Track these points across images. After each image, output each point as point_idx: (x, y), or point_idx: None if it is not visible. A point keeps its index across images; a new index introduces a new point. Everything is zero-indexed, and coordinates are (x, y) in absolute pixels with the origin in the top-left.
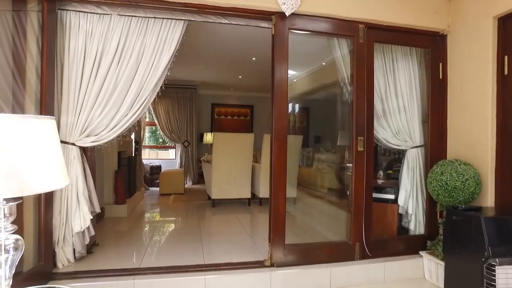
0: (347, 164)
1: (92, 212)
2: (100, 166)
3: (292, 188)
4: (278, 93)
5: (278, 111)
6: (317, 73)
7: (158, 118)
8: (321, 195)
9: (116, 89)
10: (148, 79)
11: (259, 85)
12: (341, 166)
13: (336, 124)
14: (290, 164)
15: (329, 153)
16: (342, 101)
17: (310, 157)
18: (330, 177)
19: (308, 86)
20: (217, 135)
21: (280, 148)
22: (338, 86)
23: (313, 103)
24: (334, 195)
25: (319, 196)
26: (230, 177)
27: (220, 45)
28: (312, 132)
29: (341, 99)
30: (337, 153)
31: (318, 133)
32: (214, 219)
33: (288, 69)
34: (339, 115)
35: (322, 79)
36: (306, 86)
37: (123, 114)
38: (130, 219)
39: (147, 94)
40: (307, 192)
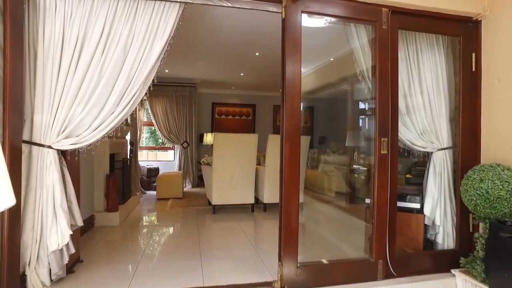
0: (356, 167)
1: (73, 225)
2: (90, 170)
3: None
4: (289, 88)
5: (289, 108)
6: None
7: (156, 118)
8: (329, 199)
9: (100, 83)
10: (138, 71)
11: (261, 83)
12: (350, 168)
13: (344, 124)
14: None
15: (336, 155)
16: (352, 99)
17: (315, 158)
18: (338, 180)
19: (313, 84)
20: (218, 135)
21: (292, 150)
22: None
23: (317, 102)
24: (344, 199)
25: (326, 200)
26: (232, 181)
27: (221, 39)
28: (317, 133)
29: (352, 97)
30: (345, 155)
31: (323, 133)
32: (214, 228)
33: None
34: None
35: (328, 77)
36: (311, 84)
37: (109, 112)
38: (123, 228)
39: (137, 88)
40: (313, 196)
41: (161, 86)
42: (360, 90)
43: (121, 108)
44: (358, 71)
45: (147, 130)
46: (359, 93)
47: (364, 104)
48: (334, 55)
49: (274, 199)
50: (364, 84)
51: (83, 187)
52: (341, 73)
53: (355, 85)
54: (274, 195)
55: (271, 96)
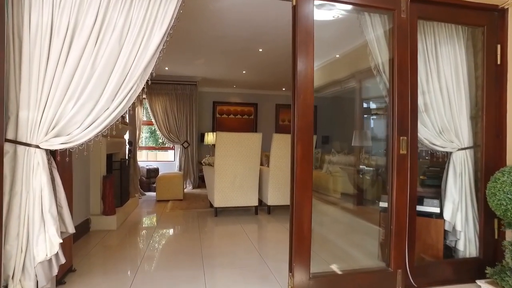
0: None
1: (64, 233)
2: (85, 171)
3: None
4: (301, 82)
5: (301, 104)
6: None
7: (155, 117)
8: (335, 200)
9: (93, 76)
10: (134, 63)
11: (264, 82)
12: (357, 169)
13: (349, 123)
14: None
15: (341, 155)
16: (360, 97)
17: (318, 158)
18: (343, 181)
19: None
20: (220, 135)
21: (304, 151)
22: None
23: (321, 100)
24: (351, 201)
25: (332, 202)
26: (235, 182)
27: (224, 33)
28: (320, 132)
29: (360, 95)
30: (350, 155)
31: (327, 133)
32: (217, 232)
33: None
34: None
35: (334, 74)
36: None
37: (103, 108)
38: (120, 233)
39: (133, 83)
40: (317, 197)
41: (160, 84)
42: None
43: (116, 104)
44: (372, 64)
45: (147, 130)
46: (367, 90)
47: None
48: (340, 51)
49: (278, 201)
50: (379, 79)
51: (78, 189)
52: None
53: (364, 82)
54: (278, 197)
55: (274, 95)
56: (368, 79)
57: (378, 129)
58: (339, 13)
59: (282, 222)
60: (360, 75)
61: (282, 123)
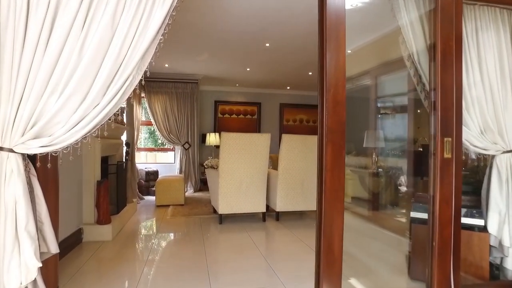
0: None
1: (45, 253)
2: (77, 176)
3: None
4: (331, 72)
5: (332, 100)
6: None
7: (155, 117)
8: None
9: (80, 64)
10: (130, 49)
11: (268, 80)
12: (370, 171)
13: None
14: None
15: (351, 156)
16: (375, 95)
17: None
18: (354, 184)
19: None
20: (225, 135)
21: (335, 156)
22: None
23: None
24: (363, 205)
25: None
26: (242, 187)
27: (229, 26)
28: None
29: (376, 92)
30: (361, 156)
31: None
32: (223, 243)
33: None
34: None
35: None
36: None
37: (92, 103)
38: (116, 244)
39: (129, 73)
40: None
41: (160, 82)
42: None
43: (108, 99)
44: (405, 54)
45: (146, 130)
46: (383, 87)
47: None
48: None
49: (287, 207)
50: (413, 71)
51: (69, 196)
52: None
53: (380, 78)
54: (287, 203)
55: (278, 94)
56: (385, 75)
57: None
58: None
59: (292, 229)
60: (376, 71)
61: (287, 123)
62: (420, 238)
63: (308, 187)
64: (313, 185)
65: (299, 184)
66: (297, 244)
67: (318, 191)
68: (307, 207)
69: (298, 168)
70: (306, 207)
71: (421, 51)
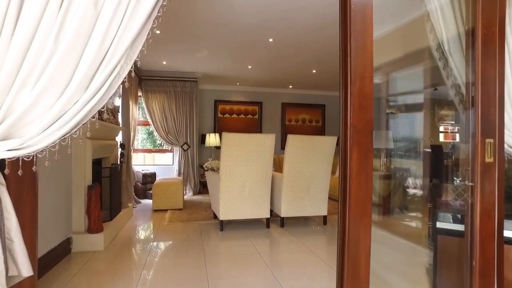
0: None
1: (15, 277)
2: (66, 180)
3: (323, 203)
4: (357, 62)
5: (357, 94)
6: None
7: (152, 117)
8: None
9: (57, 52)
10: (118, 34)
11: (270, 79)
12: (379, 174)
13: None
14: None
15: None
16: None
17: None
18: None
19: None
20: (227, 136)
21: (362, 160)
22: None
23: (330, 99)
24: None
25: None
26: (244, 191)
27: (230, 19)
28: (330, 133)
29: (387, 90)
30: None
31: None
32: (225, 254)
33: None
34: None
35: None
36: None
37: (71, 99)
38: (108, 255)
39: (116, 62)
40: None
41: (157, 80)
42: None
43: (91, 93)
44: (434, 43)
45: (144, 131)
46: (395, 84)
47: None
48: None
49: (293, 213)
50: (442, 62)
51: (57, 203)
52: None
53: (391, 74)
54: (293, 208)
55: (280, 93)
56: (398, 70)
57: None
58: None
59: (298, 236)
60: (387, 68)
61: (289, 123)
62: (448, 251)
63: (315, 191)
64: (320, 189)
65: (305, 188)
66: (306, 254)
67: (341, 204)
68: (313, 212)
69: (304, 171)
70: (313, 212)
71: (453, 40)
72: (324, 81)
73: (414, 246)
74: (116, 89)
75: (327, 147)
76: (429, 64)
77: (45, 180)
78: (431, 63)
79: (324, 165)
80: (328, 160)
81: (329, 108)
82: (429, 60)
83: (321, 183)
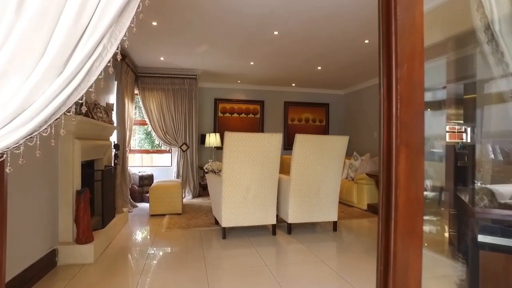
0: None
1: None
2: (51, 185)
3: (333, 208)
4: (404, 39)
5: (405, 80)
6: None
7: (149, 116)
8: (361, 213)
9: (18, 27)
10: (101, 5)
11: (272, 76)
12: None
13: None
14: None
15: (365, 158)
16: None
17: None
18: (370, 190)
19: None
20: (229, 135)
21: (411, 165)
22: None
23: (334, 98)
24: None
25: (357, 214)
26: (249, 195)
27: (233, 9)
28: (334, 133)
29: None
30: (376, 158)
31: (342, 133)
32: (228, 266)
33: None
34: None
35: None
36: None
37: (39, 87)
38: (98, 268)
39: (97, 40)
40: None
41: (155, 77)
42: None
43: (64, 80)
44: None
45: (143, 131)
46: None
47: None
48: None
49: (301, 219)
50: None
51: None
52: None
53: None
54: (301, 214)
55: (282, 91)
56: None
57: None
58: None
59: (307, 244)
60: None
61: (291, 123)
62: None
63: (325, 195)
64: (330, 193)
65: (315, 192)
66: (318, 266)
67: (383, 220)
68: (322, 218)
69: (314, 173)
70: (322, 218)
71: (505, 19)
72: (329, 79)
73: (432, 255)
74: (98, 75)
75: (338, 148)
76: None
77: (26, 184)
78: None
79: (334, 166)
80: (339, 161)
81: (333, 107)
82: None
83: (331, 186)
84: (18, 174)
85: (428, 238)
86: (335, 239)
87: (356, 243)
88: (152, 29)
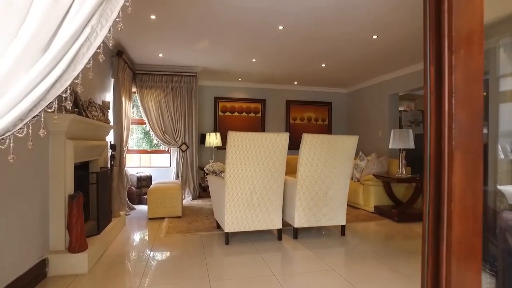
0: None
1: None
2: (41, 191)
3: (342, 211)
4: (460, 17)
5: (462, 68)
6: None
7: (148, 114)
8: (368, 216)
9: None
10: None
11: (274, 73)
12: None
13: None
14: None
15: (371, 158)
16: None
17: None
18: (377, 191)
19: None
20: (233, 135)
21: (469, 173)
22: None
23: (337, 96)
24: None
25: (364, 217)
26: (253, 198)
27: (236, 4)
28: (337, 132)
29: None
30: (382, 158)
31: (345, 133)
32: (232, 273)
33: None
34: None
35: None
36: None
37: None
38: (92, 279)
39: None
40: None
41: (153, 75)
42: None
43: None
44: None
45: (140, 130)
46: (416, 80)
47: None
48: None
49: (308, 223)
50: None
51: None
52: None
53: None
54: (308, 218)
55: (284, 89)
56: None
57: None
58: None
59: (314, 250)
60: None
61: (293, 122)
62: None
63: (333, 198)
64: (338, 195)
65: (322, 195)
66: (330, 275)
67: (430, 238)
68: (330, 222)
69: (322, 175)
70: (330, 222)
71: None
72: (333, 77)
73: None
74: (85, 64)
75: (347, 148)
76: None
77: (12, 188)
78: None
79: (343, 168)
80: (348, 162)
81: (336, 106)
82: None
83: (340, 189)
84: (2, 177)
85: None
86: (344, 244)
87: (365, 248)
88: (150, 24)
